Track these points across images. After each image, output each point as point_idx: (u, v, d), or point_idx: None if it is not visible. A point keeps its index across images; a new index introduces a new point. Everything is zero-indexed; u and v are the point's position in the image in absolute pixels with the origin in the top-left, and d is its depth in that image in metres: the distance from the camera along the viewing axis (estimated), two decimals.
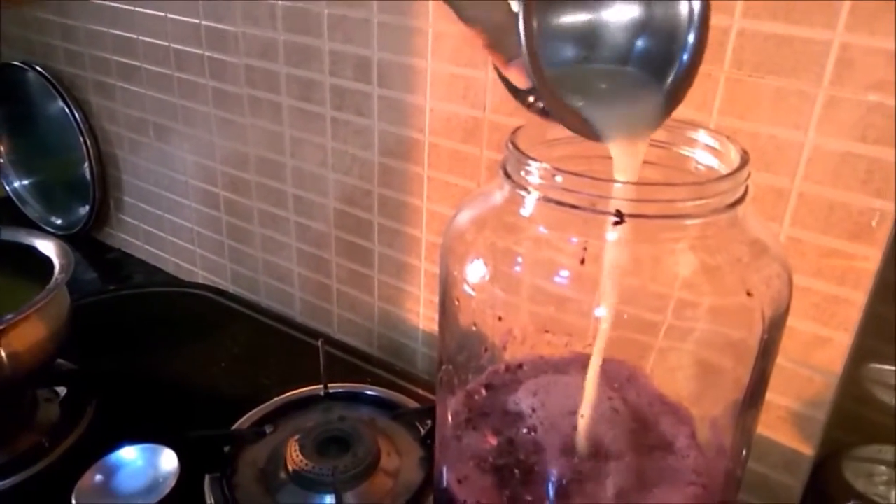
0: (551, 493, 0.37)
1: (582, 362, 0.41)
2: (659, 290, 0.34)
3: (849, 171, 0.44)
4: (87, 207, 0.98)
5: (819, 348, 0.48)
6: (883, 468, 0.49)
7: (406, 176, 0.65)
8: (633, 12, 0.34)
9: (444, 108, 0.60)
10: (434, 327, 0.70)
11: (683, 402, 0.38)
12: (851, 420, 0.52)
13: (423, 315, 0.70)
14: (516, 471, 0.37)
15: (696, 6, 0.32)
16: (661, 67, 0.33)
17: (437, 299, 0.63)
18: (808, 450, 0.51)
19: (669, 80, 0.33)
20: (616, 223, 0.31)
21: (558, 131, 0.34)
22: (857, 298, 0.46)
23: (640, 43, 0.34)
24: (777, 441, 0.51)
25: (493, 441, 0.40)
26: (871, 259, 0.44)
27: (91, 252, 0.99)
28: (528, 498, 0.37)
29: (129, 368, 0.67)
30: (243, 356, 0.70)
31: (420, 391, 0.64)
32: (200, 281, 0.91)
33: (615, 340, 0.34)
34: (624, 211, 0.31)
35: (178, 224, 0.91)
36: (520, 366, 0.43)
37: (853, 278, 0.45)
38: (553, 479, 0.37)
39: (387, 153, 0.65)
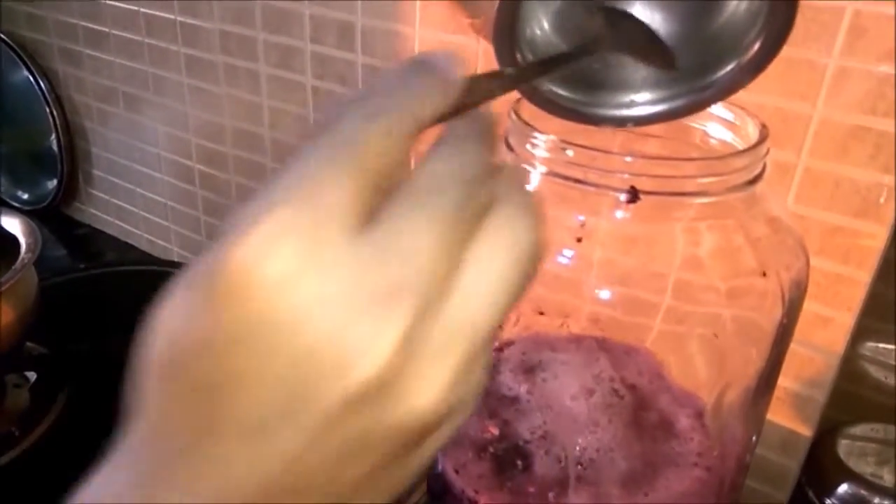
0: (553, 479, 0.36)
1: (580, 342, 0.39)
2: (674, 272, 0.32)
3: (857, 145, 0.42)
4: (55, 181, 0.94)
5: (820, 328, 0.47)
6: (876, 447, 0.48)
7: None
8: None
9: None
10: None
11: (696, 387, 0.37)
12: (845, 398, 0.51)
13: None
14: (518, 461, 0.36)
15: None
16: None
17: None
18: (806, 431, 0.50)
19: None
20: (630, 201, 0.29)
21: None
22: (860, 277, 0.44)
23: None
24: (775, 422, 0.50)
25: (492, 427, 0.39)
26: (877, 237, 0.43)
27: (60, 228, 0.96)
28: (531, 489, 0.35)
29: (102, 351, 0.64)
30: None
31: None
32: (175, 259, 0.88)
33: (626, 324, 0.32)
34: (637, 187, 0.29)
35: (150, 199, 0.87)
36: (511, 343, 0.42)
37: (857, 257, 0.44)
38: (555, 466, 0.36)
39: None
